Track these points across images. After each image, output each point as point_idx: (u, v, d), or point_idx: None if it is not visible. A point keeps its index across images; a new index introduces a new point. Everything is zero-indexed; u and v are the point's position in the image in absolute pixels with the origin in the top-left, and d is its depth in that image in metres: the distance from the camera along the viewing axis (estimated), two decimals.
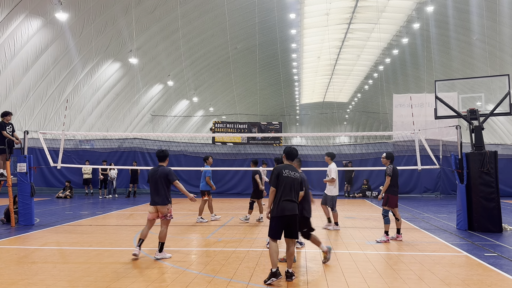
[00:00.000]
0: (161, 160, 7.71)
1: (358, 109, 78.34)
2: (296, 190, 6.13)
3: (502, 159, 18.71)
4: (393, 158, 9.25)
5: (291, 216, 5.99)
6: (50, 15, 22.83)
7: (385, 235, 8.96)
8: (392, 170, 8.98)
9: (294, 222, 6.05)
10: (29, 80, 24.86)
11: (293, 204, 6.03)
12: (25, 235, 9.73)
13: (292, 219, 6.02)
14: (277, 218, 5.99)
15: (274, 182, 6.09)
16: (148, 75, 36.00)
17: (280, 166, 6.23)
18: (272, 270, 5.84)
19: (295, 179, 6.14)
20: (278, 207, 5.99)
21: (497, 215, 10.29)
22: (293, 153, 6.40)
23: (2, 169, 11.52)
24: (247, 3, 35.06)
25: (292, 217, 6.00)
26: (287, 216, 5.96)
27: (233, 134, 23.73)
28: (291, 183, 6.08)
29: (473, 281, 6.02)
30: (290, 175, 6.12)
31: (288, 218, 5.98)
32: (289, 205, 5.98)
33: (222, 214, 13.66)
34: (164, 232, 7.46)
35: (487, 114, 11.29)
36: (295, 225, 6.08)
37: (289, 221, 6.00)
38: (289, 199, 6.01)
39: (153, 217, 7.58)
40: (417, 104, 23.33)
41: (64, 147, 13.54)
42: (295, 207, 6.04)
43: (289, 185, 6.06)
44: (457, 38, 37.33)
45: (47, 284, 5.83)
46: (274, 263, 5.87)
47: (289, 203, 5.99)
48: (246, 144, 23.61)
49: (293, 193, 6.06)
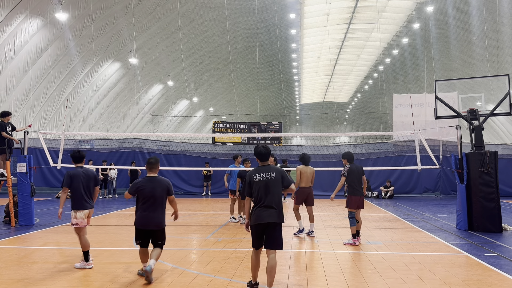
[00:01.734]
0: (79, 161, 7.17)
1: (358, 109, 78.32)
2: (273, 192, 5.48)
3: (502, 159, 18.71)
4: (351, 157, 8.94)
5: (268, 224, 5.39)
6: (50, 15, 22.83)
7: (352, 238, 8.67)
8: (347, 171, 8.78)
9: (271, 230, 5.43)
10: (29, 80, 24.87)
11: (269, 211, 5.40)
12: (25, 235, 9.73)
13: (269, 227, 5.41)
14: (253, 226, 5.48)
15: (248, 190, 5.58)
16: (148, 75, 36.00)
17: (251, 171, 5.65)
18: (251, 282, 5.51)
19: (269, 181, 5.49)
20: (253, 215, 5.47)
21: (497, 215, 10.29)
22: (262, 152, 5.65)
23: (2, 169, 11.52)
24: (247, 3, 35.06)
25: (269, 224, 5.40)
26: (263, 224, 5.40)
27: (233, 134, 23.73)
28: (265, 187, 5.47)
29: (473, 281, 6.02)
30: (262, 178, 5.50)
31: (265, 226, 5.41)
32: (264, 212, 5.39)
33: (222, 214, 13.66)
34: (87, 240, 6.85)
35: (487, 114, 11.29)
36: (273, 234, 5.44)
37: (266, 229, 5.42)
38: (266, 205, 5.41)
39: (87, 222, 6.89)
40: (417, 104, 23.33)
41: (64, 147, 13.52)
42: (272, 214, 5.39)
43: (264, 189, 5.46)
44: (457, 38, 37.32)
45: (47, 284, 5.84)
46: (253, 276, 5.50)
47: (265, 210, 5.40)
48: (246, 144, 23.60)
49: (270, 197, 5.44)
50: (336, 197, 9.90)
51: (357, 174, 8.80)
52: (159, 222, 6.20)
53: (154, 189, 6.19)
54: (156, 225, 6.18)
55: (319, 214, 14.03)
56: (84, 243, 6.74)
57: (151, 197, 6.15)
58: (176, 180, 22.54)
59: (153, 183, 6.25)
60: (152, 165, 6.40)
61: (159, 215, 6.19)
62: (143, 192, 6.18)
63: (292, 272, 6.49)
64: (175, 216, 6.57)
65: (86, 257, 6.71)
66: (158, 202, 6.18)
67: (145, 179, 6.34)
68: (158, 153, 22.72)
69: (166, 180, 6.41)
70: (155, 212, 6.16)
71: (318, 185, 22.06)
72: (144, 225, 6.15)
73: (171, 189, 6.40)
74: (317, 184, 21.94)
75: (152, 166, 6.40)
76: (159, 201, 6.19)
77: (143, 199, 6.17)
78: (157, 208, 6.17)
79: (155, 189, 6.19)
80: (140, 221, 6.17)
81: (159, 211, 6.20)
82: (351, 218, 8.71)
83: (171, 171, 22.07)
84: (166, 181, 6.37)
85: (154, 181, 6.27)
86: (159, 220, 6.20)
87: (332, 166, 20.26)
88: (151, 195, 6.15)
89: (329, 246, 8.52)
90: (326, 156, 21.90)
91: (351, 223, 8.69)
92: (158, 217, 6.18)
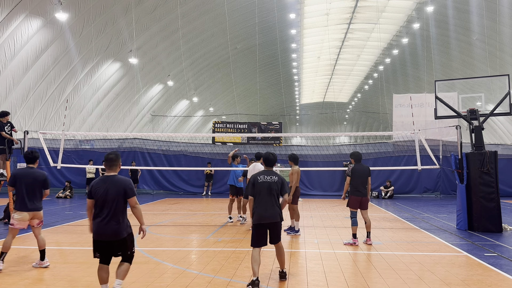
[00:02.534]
0: (31, 162, 6.91)
1: (358, 109, 78.36)
2: (276, 193, 5.90)
3: (502, 159, 18.70)
4: (358, 157, 8.87)
5: (270, 224, 5.83)
6: (50, 15, 22.84)
7: (353, 238, 8.67)
8: (351, 170, 8.77)
9: (274, 229, 5.89)
10: (29, 80, 24.87)
11: (272, 210, 5.81)
12: (25, 235, 9.72)
13: (272, 226, 5.86)
14: (256, 226, 5.83)
15: (251, 190, 5.92)
16: (148, 75, 36.02)
17: (255, 173, 6.06)
18: (252, 279, 5.60)
19: (272, 183, 5.90)
20: (256, 215, 5.82)
21: (497, 215, 10.29)
22: (271, 158, 6.14)
23: (2, 169, 11.52)
24: (247, 3, 35.07)
25: (272, 224, 5.84)
26: (266, 224, 5.83)
27: (233, 134, 23.73)
28: (268, 188, 5.86)
29: (473, 281, 6.02)
30: (266, 179, 5.91)
31: (267, 226, 5.84)
32: (267, 212, 5.80)
33: (222, 214, 13.66)
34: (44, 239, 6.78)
35: (487, 114, 11.29)
36: (276, 231, 5.91)
37: (269, 228, 5.87)
38: (268, 205, 5.82)
39: (24, 225, 6.66)
40: (417, 104, 23.32)
41: (64, 147, 13.54)
42: (274, 214, 5.82)
43: (266, 190, 5.85)
44: (457, 38, 37.34)
45: (47, 284, 5.84)
46: (253, 272, 5.63)
47: (267, 210, 5.80)
48: (246, 144, 23.59)
49: (272, 198, 5.85)
50: (336, 197, 9.90)
51: (362, 174, 8.73)
52: (115, 231, 4.99)
53: (106, 191, 5.03)
54: (112, 235, 4.99)
55: (319, 214, 14.03)
56: (40, 243, 6.72)
57: (103, 201, 5.01)
58: (176, 180, 22.55)
59: (106, 183, 5.08)
60: (110, 162, 5.22)
61: (114, 223, 4.99)
62: (95, 195, 5.06)
63: (292, 272, 6.49)
64: (142, 233, 5.23)
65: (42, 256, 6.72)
66: (112, 207, 5.00)
67: (100, 178, 5.21)
68: (158, 153, 22.72)
69: (125, 180, 5.16)
70: (109, 218, 4.98)
71: (318, 185, 22.13)
72: (99, 234, 5.01)
73: (129, 191, 5.11)
74: (317, 184, 22.13)
75: (111, 164, 5.22)
76: (113, 205, 5.00)
77: (96, 203, 5.08)
78: (111, 213, 4.99)
79: (107, 191, 5.03)
80: (94, 229, 5.05)
81: (114, 218, 5.00)
82: (352, 218, 8.70)
83: (171, 171, 22.08)
84: (123, 181, 5.13)
85: (107, 181, 5.09)
86: (115, 228, 4.99)
87: (332, 166, 20.28)
88: (103, 198, 5.01)
89: (329, 246, 8.52)
90: (326, 156, 21.90)
91: (352, 223, 8.69)
92: (113, 225, 4.99)
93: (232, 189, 12.21)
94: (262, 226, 5.82)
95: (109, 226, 4.97)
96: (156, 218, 12.75)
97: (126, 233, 5.09)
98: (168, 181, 22.66)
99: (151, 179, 22.69)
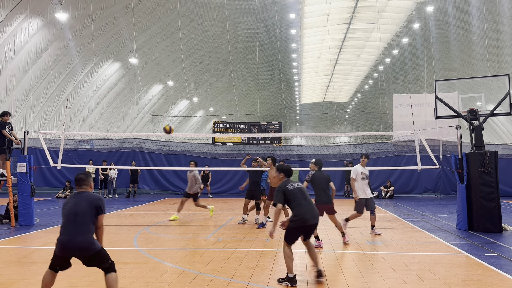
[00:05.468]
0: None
1: (358, 109, 78.37)
2: (308, 197, 6.16)
3: (502, 159, 18.69)
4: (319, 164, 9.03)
5: (313, 225, 6.08)
6: (50, 15, 22.84)
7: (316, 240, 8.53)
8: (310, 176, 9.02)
9: (313, 229, 6.17)
10: (29, 80, 24.87)
11: (313, 212, 6.07)
12: (25, 235, 9.73)
13: (313, 228, 6.14)
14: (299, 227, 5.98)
15: (281, 198, 6.06)
16: (148, 75, 36.02)
17: (281, 183, 6.22)
18: (288, 275, 5.80)
19: (301, 187, 6.20)
20: (300, 219, 5.94)
21: (497, 215, 10.28)
22: (290, 170, 6.44)
23: (2, 169, 11.52)
24: (247, 3, 35.07)
25: (314, 226, 6.10)
26: (310, 225, 6.04)
27: (233, 134, 23.73)
28: (300, 193, 6.10)
29: (473, 281, 6.02)
30: (295, 186, 6.15)
31: (310, 227, 6.07)
32: (309, 214, 6.00)
33: (222, 214, 13.66)
34: None
35: (487, 114, 11.29)
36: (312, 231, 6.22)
37: (310, 229, 6.11)
38: (309, 207, 6.05)
39: None
40: (417, 104, 23.32)
41: (64, 147, 13.53)
42: (316, 216, 6.08)
43: (300, 195, 6.07)
44: (457, 38, 37.34)
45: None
46: (289, 269, 5.81)
47: (310, 212, 6.02)
48: (246, 144, 23.60)
49: (308, 200, 6.11)
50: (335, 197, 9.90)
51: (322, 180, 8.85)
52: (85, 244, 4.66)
53: (77, 204, 4.76)
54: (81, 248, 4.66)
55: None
56: None
57: (73, 213, 4.70)
58: (176, 180, 22.54)
59: (76, 198, 4.85)
60: (80, 182, 4.96)
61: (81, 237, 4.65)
62: (64, 210, 4.80)
63: None
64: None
65: None
66: (82, 220, 4.68)
67: (71, 195, 5.18)
68: (158, 153, 22.72)
69: (98, 196, 4.95)
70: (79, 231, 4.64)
71: None
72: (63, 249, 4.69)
73: (101, 208, 4.83)
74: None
75: (81, 183, 4.96)
76: (83, 218, 4.69)
77: (63, 217, 4.77)
78: (81, 226, 4.66)
79: (79, 204, 4.76)
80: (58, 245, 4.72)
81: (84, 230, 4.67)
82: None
83: (171, 171, 22.08)
84: (96, 197, 4.90)
85: (79, 196, 4.86)
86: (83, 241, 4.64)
87: (332, 166, 20.24)
88: (73, 211, 4.71)
89: (329, 246, 8.52)
90: (326, 156, 21.88)
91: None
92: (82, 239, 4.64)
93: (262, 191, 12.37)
94: (304, 228, 5.99)
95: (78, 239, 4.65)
96: (156, 218, 12.75)
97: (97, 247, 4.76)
98: (168, 181, 22.66)
99: (151, 179, 22.69)
